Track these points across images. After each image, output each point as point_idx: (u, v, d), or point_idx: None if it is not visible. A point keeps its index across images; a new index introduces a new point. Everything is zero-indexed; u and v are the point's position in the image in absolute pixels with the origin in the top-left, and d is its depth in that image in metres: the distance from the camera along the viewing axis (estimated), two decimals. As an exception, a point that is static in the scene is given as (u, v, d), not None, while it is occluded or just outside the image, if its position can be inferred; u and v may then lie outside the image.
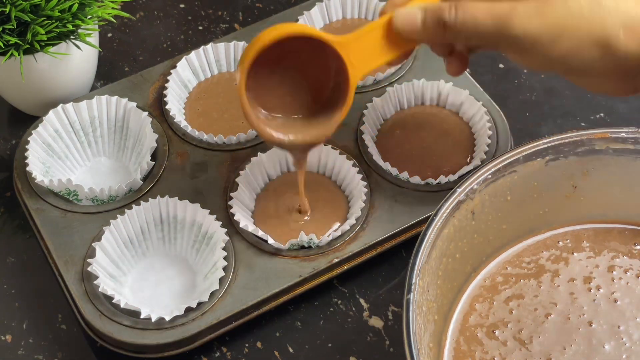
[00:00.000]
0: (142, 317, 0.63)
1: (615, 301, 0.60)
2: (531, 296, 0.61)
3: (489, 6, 0.55)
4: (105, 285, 0.64)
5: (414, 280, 0.55)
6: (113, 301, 0.63)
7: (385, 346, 0.66)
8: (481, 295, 0.61)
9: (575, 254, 0.63)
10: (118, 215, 0.67)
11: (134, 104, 0.73)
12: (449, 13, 0.56)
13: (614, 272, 0.62)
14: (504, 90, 0.80)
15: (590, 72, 0.55)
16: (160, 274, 0.68)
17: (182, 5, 0.87)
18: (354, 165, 0.70)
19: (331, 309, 0.68)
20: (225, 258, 0.65)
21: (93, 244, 0.66)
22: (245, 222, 0.67)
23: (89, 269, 0.65)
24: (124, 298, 0.64)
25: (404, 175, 0.70)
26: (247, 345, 0.66)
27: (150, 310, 0.64)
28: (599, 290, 0.61)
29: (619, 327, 0.59)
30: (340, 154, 0.70)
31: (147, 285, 0.67)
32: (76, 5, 0.69)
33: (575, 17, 0.53)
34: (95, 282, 0.64)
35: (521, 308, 0.60)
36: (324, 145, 0.70)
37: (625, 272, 0.62)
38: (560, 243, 0.64)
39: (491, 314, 0.60)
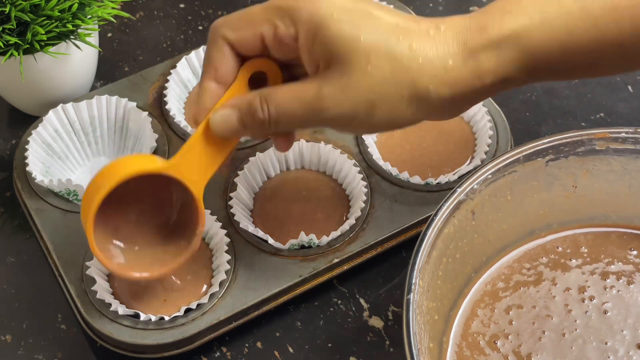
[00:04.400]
0: (141, 319, 0.63)
1: (605, 312, 0.61)
2: (529, 307, 0.61)
3: (296, 94, 0.54)
4: (102, 290, 0.64)
5: (414, 280, 0.55)
6: (110, 309, 0.63)
7: (385, 346, 0.66)
8: (482, 300, 0.62)
9: (573, 260, 0.63)
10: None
11: (134, 104, 0.73)
12: (262, 111, 0.55)
13: (608, 280, 0.62)
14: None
15: (413, 121, 0.55)
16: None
17: (182, 5, 0.87)
18: (354, 165, 0.70)
19: (331, 309, 0.68)
20: (227, 261, 0.65)
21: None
22: (246, 222, 0.67)
23: (87, 272, 0.65)
24: (121, 305, 0.64)
25: (404, 175, 0.70)
26: (247, 345, 0.66)
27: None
28: (591, 300, 0.61)
29: (606, 344, 0.59)
30: (341, 153, 0.70)
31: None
32: (76, 5, 0.69)
33: (382, 85, 0.53)
34: (92, 288, 0.64)
35: (520, 320, 0.61)
36: (325, 145, 0.70)
37: (618, 280, 0.62)
38: (560, 248, 0.64)
39: (492, 322, 0.61)
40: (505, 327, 0.60)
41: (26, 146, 0.70)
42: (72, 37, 0.71)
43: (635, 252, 0.64)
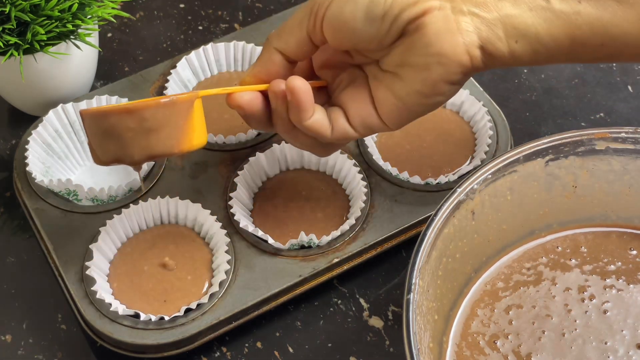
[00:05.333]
0: (141, 319, 0.63)
1: (605, 312, 0.61)
2: (529, 306, 0.61)
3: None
4: (102, 290, 0.64)
5: (414, 280, 0.55)
6: (110, 309, 0.63)
7: (385, 346, 0.66)
8: (482, 300, 0.62)
9: (572, 260, 0.63)
10: (114, 215, 0.67)
11: (134, 104, 0.73)
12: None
13: (607, 280, 0.62)
14: (504, 90, 0.80)
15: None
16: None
17: (182, 5, 0.87)
18: (354, 165, 0.70)
19: (331, 309, 0.68)
20: (227, 261, 0.65)
21: (90, 246, 0.66)
22: (245, 222, 0.67)
23: (87, 272, 0.65)
24: (121, 305, 0.64)
25: (404, 175, 0.70)
26: (247, 345, 0.66)
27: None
28: (591, 300, 0.61)
29: (606, 344, 0.59)
30: (341, 153, 0.70)
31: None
32: (76, 5, 0.69)
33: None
34: (92, 288, 0.64)
35: (520, 320, 0.61)
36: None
37: (618, 279, 0.62)
38: (559, 248, 0.64)
39: (492, 322, 0.61)
40: (505, 327, 0.60)
41: (26, 146, 0.70)
42: (72, 37, 0.71)
43: (635, 252, 0.64)
